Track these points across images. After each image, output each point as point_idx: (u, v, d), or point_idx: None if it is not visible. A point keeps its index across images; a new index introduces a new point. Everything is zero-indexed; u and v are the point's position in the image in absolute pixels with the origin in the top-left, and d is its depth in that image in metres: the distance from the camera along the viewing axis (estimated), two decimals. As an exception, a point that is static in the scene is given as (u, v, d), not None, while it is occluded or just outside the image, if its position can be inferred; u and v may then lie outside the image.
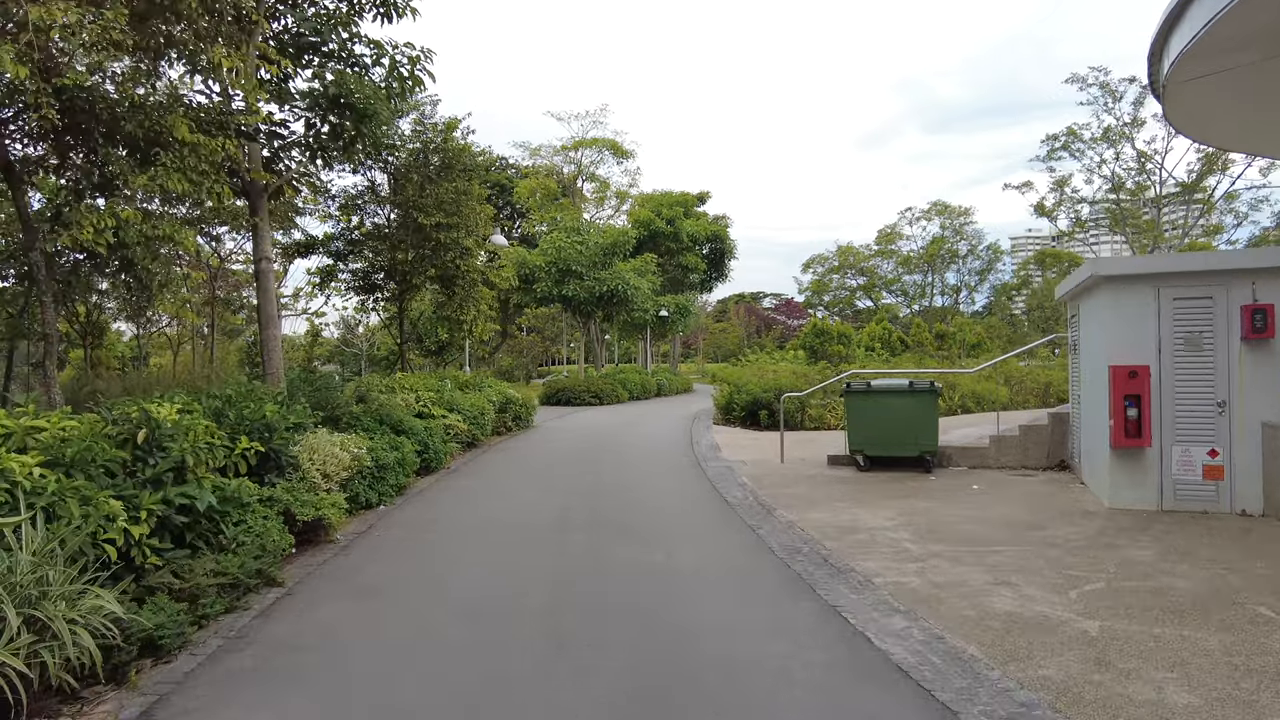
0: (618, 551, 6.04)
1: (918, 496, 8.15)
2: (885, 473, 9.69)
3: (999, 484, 8.80)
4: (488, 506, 7.94)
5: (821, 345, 34.97)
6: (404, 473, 8.48)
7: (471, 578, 5.45)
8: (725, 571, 5.56)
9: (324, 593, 5.10)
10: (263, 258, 9.35)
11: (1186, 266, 7.06)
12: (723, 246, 40.14)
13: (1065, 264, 64.14)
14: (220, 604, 4.44)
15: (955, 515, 7.15)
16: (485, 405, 12.84)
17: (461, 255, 13.80)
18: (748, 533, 6.66)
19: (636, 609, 4.70)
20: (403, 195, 13.61)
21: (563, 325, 36.81)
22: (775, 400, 16.57)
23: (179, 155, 6.05)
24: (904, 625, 4.39)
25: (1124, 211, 52.41)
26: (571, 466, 10.73)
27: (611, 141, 34.51)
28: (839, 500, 8.01)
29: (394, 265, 14.18)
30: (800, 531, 6.62)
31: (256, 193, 9.28)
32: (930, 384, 9.73)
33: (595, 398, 24.66)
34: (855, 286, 70.33)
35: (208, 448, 5.21)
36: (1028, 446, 10.02)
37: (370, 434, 8.55)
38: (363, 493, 7.41)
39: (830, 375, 19.83)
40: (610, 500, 8.20)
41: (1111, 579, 5.07)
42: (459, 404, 11.81)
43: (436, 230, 13.26)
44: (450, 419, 11.16)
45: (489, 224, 14.51)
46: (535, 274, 25.03)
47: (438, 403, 11.37)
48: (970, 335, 41.96)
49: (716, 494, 8.50)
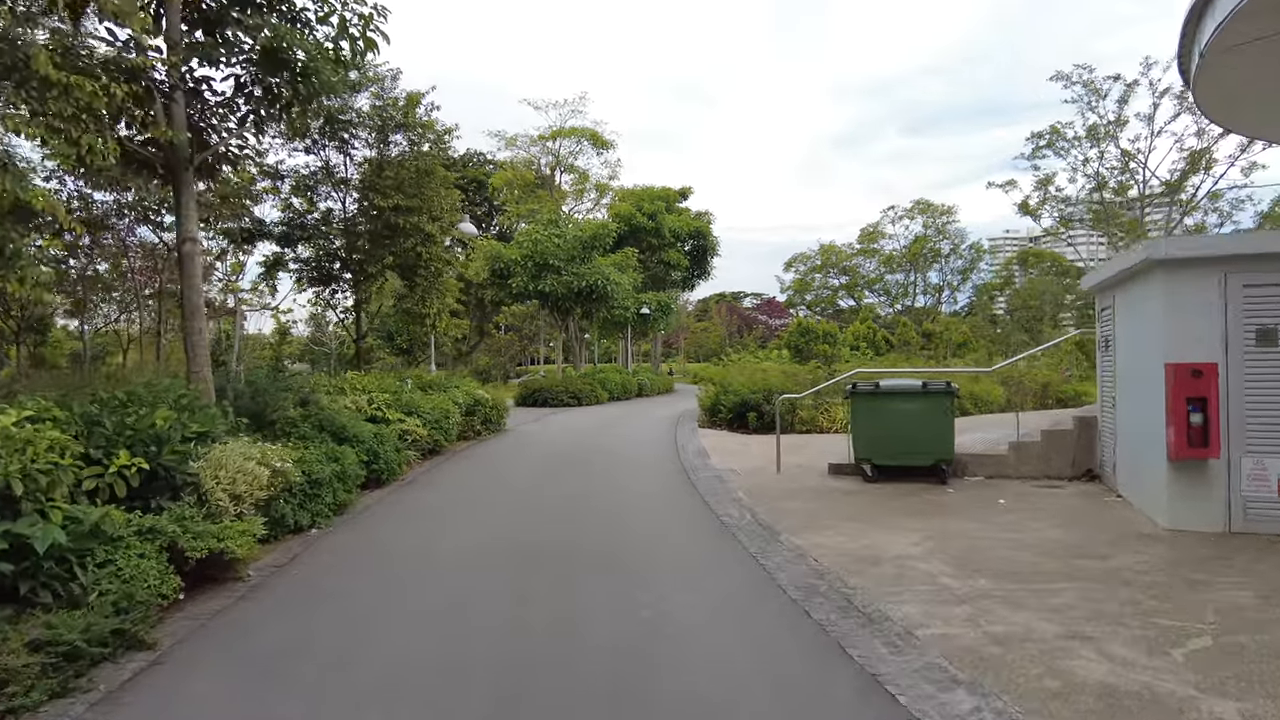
0: (593, 595, 4.89)
1: (940, 514, 7.10)
2: (896, 484, 8.65)
3: (1026, 498, 7.78)
4: (439, 530, 6.74)
5: (807, 344, 34.12)
6: (345, 488, 7.26)
7: (400, 637, 4.27)
8: (729, 623, 4.43)
9: (206, 660, 3.90)
10: (186, 238, 8.06)
11: (1261, 248, 6.06)
12: (705, 243, 39.08)
13: (1048, 263, 64.16)
14: (42, 690, 3.22)
15: (990, 538, 6.10)
16: (450, 408, 11.62)
17: (423, 242, 12.51)
18: (751, 565, 5.54)
19: (618, 689, 3.56)
20: (360, 176, 12.32)
21: (540, 324, 35.47)
22: (764, 401, 15.54)
23: (39, 95, 4.81)
24: (971, 706, 3.29)
25: (1107, 211, 52.17)
26: (544, 477, 9.56)
27: (591, 131, 33.14)
28: (851, 519, 6.93)
29: (349, 253, 12.85)
30: (813, 562, 5.53)
31: (178, 162, 8.00)
32: (946, 385, 8.70)
33: (574, 398, 23.45)
34: (837, 286, 69.79)
35: (53, 468, 3.98)
36: (1050, 454, 9.04)
37: (308, 443, 7.33)
38: (290, 514, 6.19)
39: (822, 375, 18.86)
40: (587, 521, 7.05)
41: (1218, 632, 4.02)
42: (419, 407, 10.58)
43: (395, 214, 11.96)
44: (408, 423, 9.93)
45: (456, 210, 13.28)
46: (510, 268, 23.73)
47: (393, 405, 10.13)
48: (956, 334, 41.43)
49: (709, 512, 7.38)
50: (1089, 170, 50.95)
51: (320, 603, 4.80)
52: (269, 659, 3.90)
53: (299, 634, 4.26)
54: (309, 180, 13.05)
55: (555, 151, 33.68)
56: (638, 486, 8.92)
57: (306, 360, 52.03)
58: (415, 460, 10.04)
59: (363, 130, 12.60)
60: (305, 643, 4.13)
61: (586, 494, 8.42)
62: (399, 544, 6.24)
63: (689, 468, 10.12)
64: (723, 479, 9.17)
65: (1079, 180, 51.48)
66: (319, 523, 6.55)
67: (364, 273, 13.15)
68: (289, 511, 6.16)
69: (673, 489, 8.69)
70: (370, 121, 12.58)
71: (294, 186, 13.17)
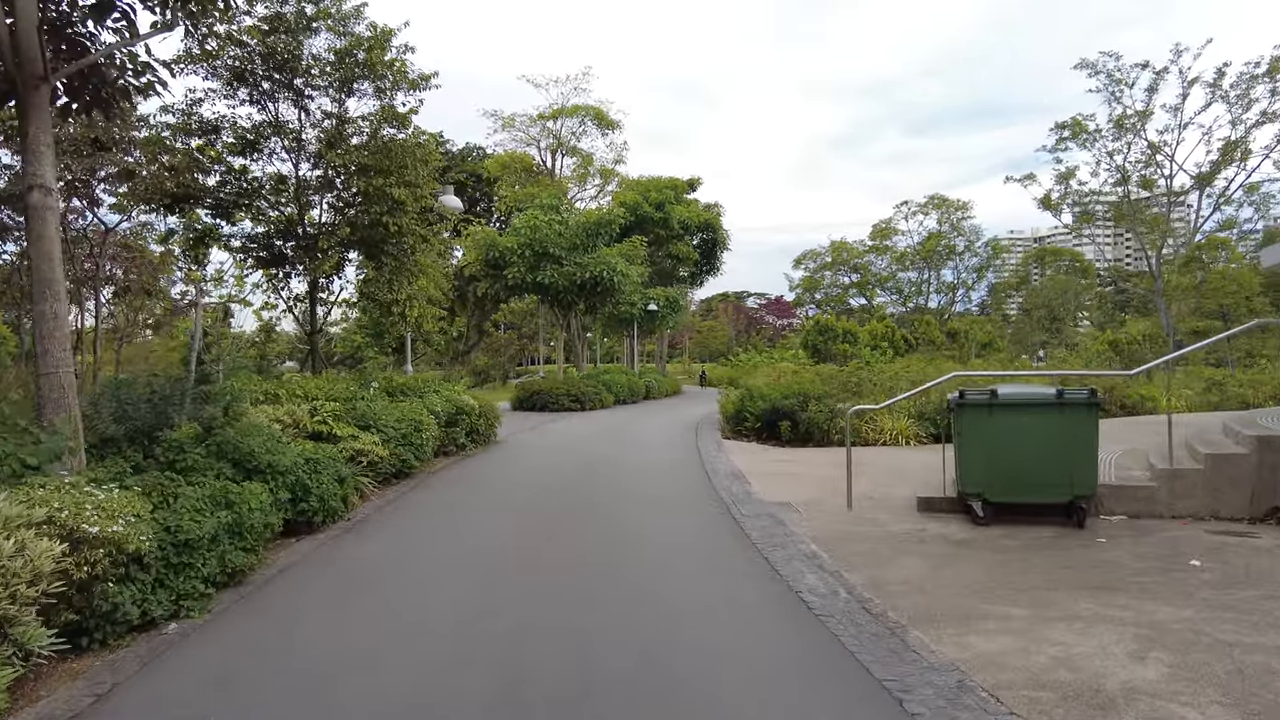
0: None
1: (1119, 585, 4.78)
2: (1016, 526, 6.35)
3: (1221, 554, 5.47)
4: (375, 627, 4.37)
5: (825, 344, 31.76)
6: (246, 544, 4.94)
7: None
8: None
9: None
10: (34, 185, 5.72)
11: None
12: (715, 237, 36.72)
13: (1065, 261, 62.00)
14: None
15: (1248, 639, 3.79)
16: (423, 418, 9.29)
17: (390, 210, 10.08)
18: (889, 711, 3.21)
19: None
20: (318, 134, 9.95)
21: (540, 321, 33.00)
22: (799, 409, 13.24)
23: None
24: None
25: (1132, 206, 49.75)
26: (536, 518, 7.22)
27: (596, 109, 30.49)
28: (998, 595, 4.61)
29: (299, 225, 10.41)
30: (998, 708, 3.20)
31: (26, 82, 5.72)
32: (1089, 393, 6.37)
33: (576, 402, 21.13)
34: (848, 284, 67.56)
35: None
36: (1219, 486, 6.72)
37: (191, 479, 5.02)
38: (128, 603, 3.87)
39: (865, 377, 16.53)
40: (598, 607, 4.70)
41: None
42: (380, 418, 8.24)
43: (358, 176, 9.56)
44: (362, 441, 7.60)
45: (433, 178, 10.87)
46: (506, 258, 21.32)
47: (344, 417, 7.80)
48: (980, 334, 39.09)
49: (779, 582, 5.04)
50: (1114, 163, 48.61)
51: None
52: None
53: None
54: (250, 134, 10.58)
55: (556, 133, 31.06)
56: (667, 535, 6.58)
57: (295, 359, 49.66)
58: (371, 489, 7.70)
59: (321, 79, 10.21)
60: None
61: (597, 549, 6.09)
62: (304, 655, 3.91)
63: (728, 500, 7.79)
64: (779, 519, 6.84)
65: (1101, 174, 49.18)
66: (186, 611, 4.22)
67: (315, 249, 10.66)
68: (125, 600, 3.84)
69: (716, 540, 6.35)
70: (328, 70, 10.18)
71: (232, 143, 10.72)
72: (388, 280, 10.84)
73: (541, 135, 31.18)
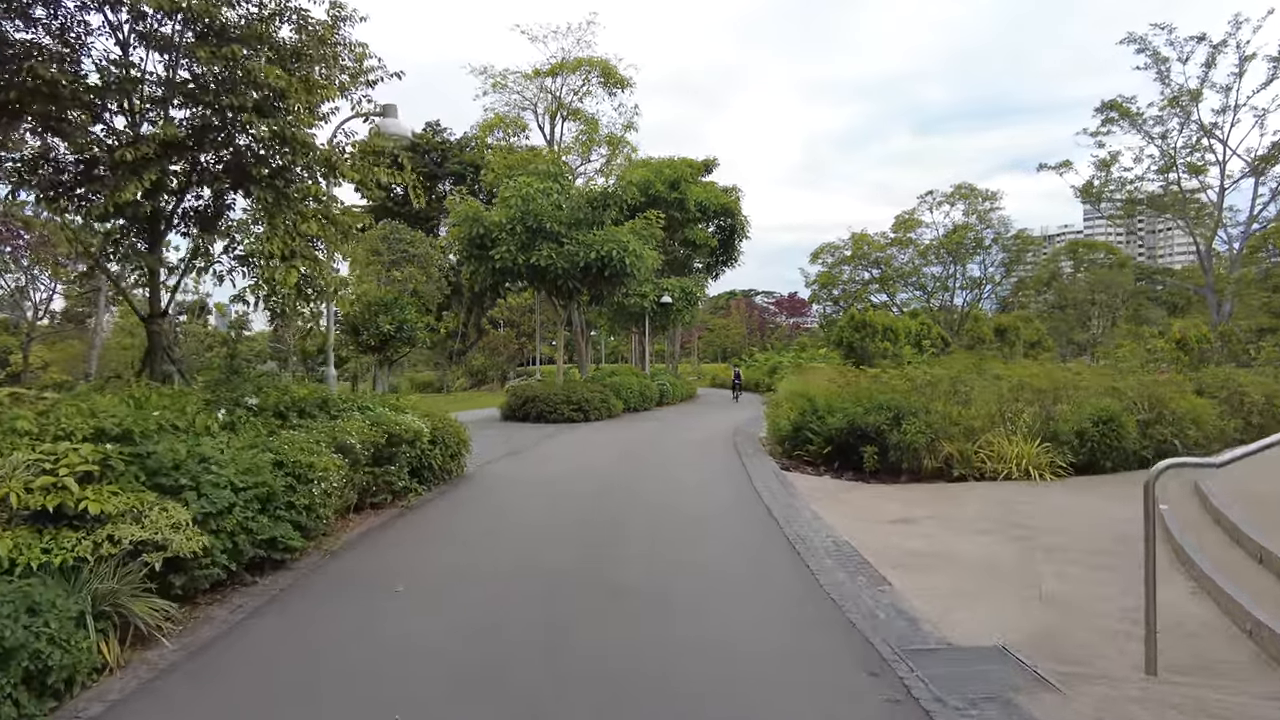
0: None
1: None
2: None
3: None
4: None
5: (862, 342, 27.84)
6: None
7: None
8: None
9: None
10: None
11: None
12: (734, 223, 32.77)
13: (1101, 254, 58.13)
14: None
15: None
16: (316, 460, 5.45)
17: (258, 111, 6.06)
18: None
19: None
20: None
21: (538, 315, 29.09)
22: (890, 427, 9.47)
23: None
24: None
25: (1181, 195, 45.52)
26: (495, 697, 3.41)
27: (603, 62, 26.09)
28: None
29: (133, 141, 6.37)
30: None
31: None
32: None
33: (578, 411, 17.26)
34: (868, 279, 63.51)
35: None
36: None
37: None
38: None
39: (957, 375, 12.65)
40: None
41: None
42: (199, 479, 4.39)
43: (209, 65, 5.65)
44: (153, 520, 3.79)
45: (356, 77, 6.87)
46: (493, 235, 17.44)
47: (126, 472, 3.99)
48: (1030, 332, 35.30)
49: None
50: (1162, 147, 44.52)
51: None
52: None
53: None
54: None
55: (555, 92, 26.70)
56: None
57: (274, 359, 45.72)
58: (156, 623, 3.86)
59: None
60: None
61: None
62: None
63: (866, 630, 3.97)
64: (990, 690, 3.00)
65: (1144, 161, 45.15)
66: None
67: (134, 175, 6.41)
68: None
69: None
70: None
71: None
72: (266, 223, 6.71)
73: (539, 97, 26.90)
